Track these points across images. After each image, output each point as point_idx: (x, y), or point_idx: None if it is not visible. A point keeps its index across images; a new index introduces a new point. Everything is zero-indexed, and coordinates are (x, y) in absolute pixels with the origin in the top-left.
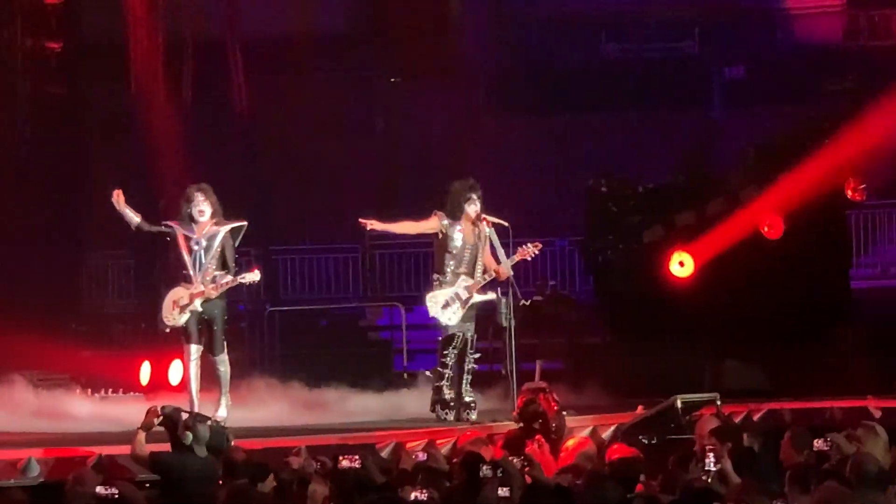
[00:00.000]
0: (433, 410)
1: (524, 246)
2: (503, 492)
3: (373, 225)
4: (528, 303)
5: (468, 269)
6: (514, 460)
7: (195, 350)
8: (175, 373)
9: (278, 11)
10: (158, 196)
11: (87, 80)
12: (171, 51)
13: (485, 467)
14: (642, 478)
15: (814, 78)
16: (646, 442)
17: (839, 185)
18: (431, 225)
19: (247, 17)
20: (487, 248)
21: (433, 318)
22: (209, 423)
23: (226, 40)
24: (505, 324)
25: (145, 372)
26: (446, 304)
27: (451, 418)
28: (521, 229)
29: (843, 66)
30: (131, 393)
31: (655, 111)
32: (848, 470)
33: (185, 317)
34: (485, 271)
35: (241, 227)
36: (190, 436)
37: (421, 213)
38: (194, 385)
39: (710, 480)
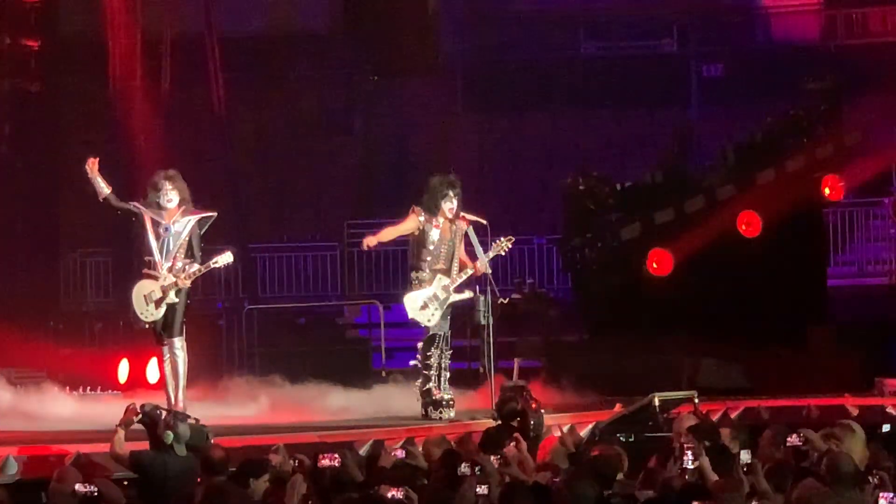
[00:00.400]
0: (426, 414)
1: (497, 240)
2: (481, 489)
3: (372, 242)
4: (506, 301)
5: (445, 265)
6: (492, 458)
7: (166, 350)
8: (153, 370)
9: (257, 9)
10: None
11: (65, 77)
12: (149, 49)
13: (463, 465)
14: (621, 475)
15: (792, 76)
16: (623, 440)
17: (816, 184)
18: (409, 226)
19: (225, 15)
20: (462, 245)
21: (412, 319)
22: (189, 421)
23: (204, 38)
24: (483, 322)
25: (123, 370)
26: (424, 306)
27: (446, 417)
28: (499, 227)
29: (820, 64)
30: (109, 391)
31: (634, 109)
32: (823, 468)
33: (163, 310)
34: (461, 268)
35: (210, 217)
36: (170, 435)
37: (399, 212)
38: (171, 385)
39: (688, 478)
